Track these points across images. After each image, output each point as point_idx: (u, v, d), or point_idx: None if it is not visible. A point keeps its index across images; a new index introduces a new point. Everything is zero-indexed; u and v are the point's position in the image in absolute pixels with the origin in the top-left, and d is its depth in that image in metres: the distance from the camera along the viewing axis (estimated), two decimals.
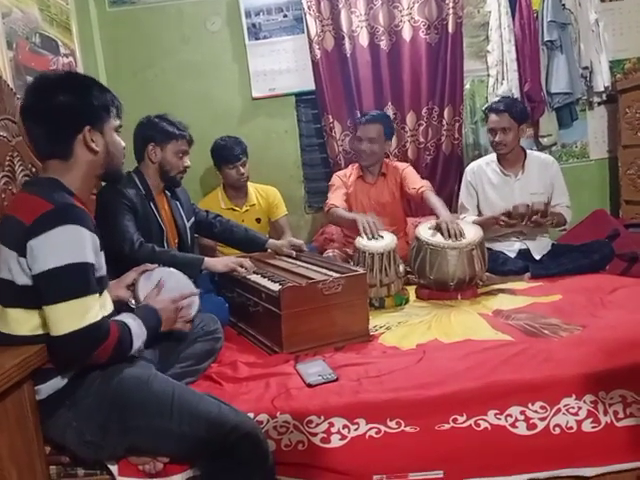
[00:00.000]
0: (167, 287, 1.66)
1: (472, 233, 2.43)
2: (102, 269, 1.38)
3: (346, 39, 3.19)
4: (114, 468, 1.39)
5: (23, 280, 1.28)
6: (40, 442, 1.35)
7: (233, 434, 1.27)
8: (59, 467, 1.44)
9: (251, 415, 1.42)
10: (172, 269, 1.79)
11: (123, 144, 1.51)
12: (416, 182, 2.83)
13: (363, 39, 3.22)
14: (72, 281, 1.25)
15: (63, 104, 1.34)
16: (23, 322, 1.31)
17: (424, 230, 2.49)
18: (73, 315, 1.24)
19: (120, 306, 1.55)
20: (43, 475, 1.36)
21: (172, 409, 1.30)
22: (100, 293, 1.35)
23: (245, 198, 3.10)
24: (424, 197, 2.71)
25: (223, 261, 2.21)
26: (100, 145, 1.41)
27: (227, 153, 2.96)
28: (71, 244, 1.26)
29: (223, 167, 3.00)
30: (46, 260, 1.23)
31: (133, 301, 1.62)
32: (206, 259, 2.13)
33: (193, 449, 1.32)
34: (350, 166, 3.07)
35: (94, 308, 1.27)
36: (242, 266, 2.17)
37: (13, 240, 1.28)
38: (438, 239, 2.39)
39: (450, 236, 2.37)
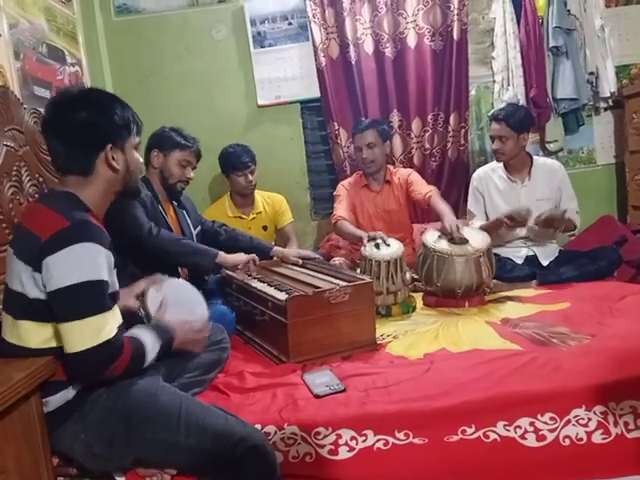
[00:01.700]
0: (176, 302, 1.66)
1: (479, 240, 2.41)
2: (115, 285, 1.38)
3: (351, 46, 3.19)
4: None
5: (35, 293, 1.28)
6: (47, 454, 1.35)
7: (240, 446, 1.27)
8: (67, 479, 1.43)
9: (258, 426, 1.42)
10: (181, 281, 1.79)
11: (141, 160, 1.53)
12: (423, 187, 2.83)
13: (368, 46, 3.22)
14: (87, 299, 1.25)
15: (86, 121, 1.35)
16: (33, 334, 1.31)
17: (430, 237, 2.48)
18: (88, 333, 1.24)
19: (128, 316, 1.55)
20: None
21: (179, 422, 1.29)
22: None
23: (252, 206, 3.11)
24: (431, 202, 2.70)
25: (236, 256, 2.23)
26: (121, 163, 1.41)
27: (236, 160, 2.97)
28: (87, 262, 1.26)
29: (231, 174, 3.01)
30: (61, 278, 1.23)
31: (142, 312, 1.62)
32: (221, 253, 2.15)
33: (200, 462, 1.31)
34: (355, 174, 3.07)
35: (108, 325, 1.27)
36: (254, 260, 2.21)
37: (28, 254, 1.28)
38: (445, 246, 2.39)
39: (454, 241, 2.36)
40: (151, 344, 1.39)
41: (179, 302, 1.67)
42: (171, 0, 3.29)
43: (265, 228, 3.11)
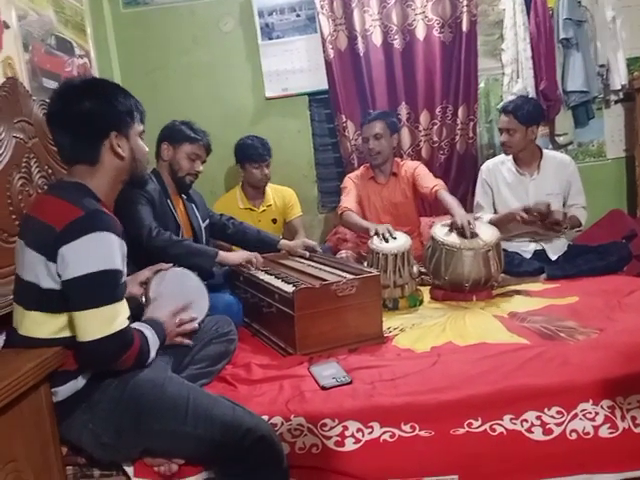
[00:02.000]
0: (179, 290, 1.68)
1: (489, 234, 2.40)
2: (125, 275, 1.39)
3: (359, 38, 3.17)
4: (130, 469, 1.40)
5: (48, 284, 1.29)
6: (56, 443, 1.37)
7: (248, 437, 1.28)
8: (75, 468, 1.45)
9: (265, 418, 1.42)
10: (185, 270, 1.79)
11: (147, 149, 1.53)
12: (429, 181, 2.82)
13: (376, 38, 3.20)
14: (102, 288, 1.27)
15: (89, 110, 1.35)
16: (42, 325, 1.32)
17: (439, 230, 2.47)
18: (102, 321, 1.25)
19: (130, 302, 1.55)
20: (59, 476, 1.37)
21: (187, 412, 1.30)
22: None
23: (262, 198, 3.12)
24: (438, 196, 2.69)
25: (236, 255, 2.24)
26: (126, 150, 1.42)
27: (253, 152, 2.98)
28: (102, 251, 1.27)
29: (247, 166, 3.02)
30: (77, 267, 1.24)
31: (145, 300, 1.63)
32: (220, 252, 2.15)
33: (208, 452, 1.32)
34: (362, 167, 3.07)
35: (121, 315, 1.29)
36: (251, 261, 2.19)
37: (41, 244, 1.29)
38: (454, 240, 2.38)
39: (465, 235, 2.35)
40: (152, 340, 1.41)
41: (178, 293, 1.68)
42: None
43: (274, 221, 3.12)
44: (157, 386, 1.34)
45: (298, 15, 3.29)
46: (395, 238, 2.41)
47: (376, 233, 2.44)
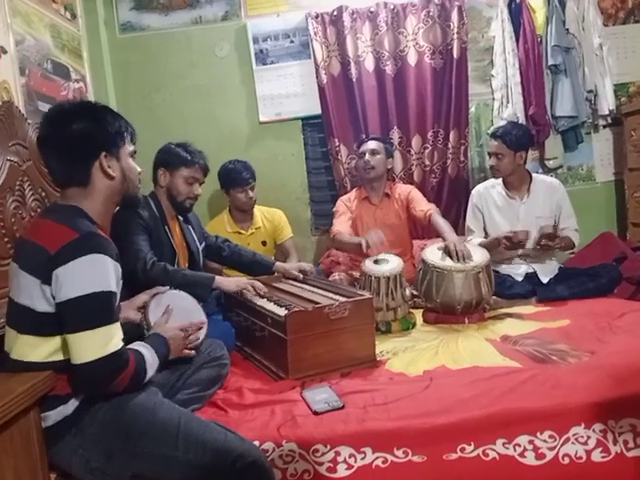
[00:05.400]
0: (176, 311, 1.68)
1: (479, 256, 2.42)
2: (118, 297, 1.39)
3: (352, 64, 3.23)
4: None
5: (43, 307, 1.29)
6: (45, 469, 1.34)
7: (239, 463, 1.26)
8: None
9: (256, 443, 1.41)
10: (182, 293, 1.80)
11: (139, 169, 1.53)
12: (423, 204, 2.85)
13: (369, 64, 3.26)
14: (97, 310, 1.26)
15: (78, 132, 1.36)
16: (35, 348, 1.32)
17: (431, 253, 2.48)
18: (96, 343, 1.25)
19: (129, 328, 1.55)
20: None
21: (178, 437, 1.29)
22: None
23: (251, 221, 3.12)
24: (431, 220, 2.72)
25: (235, 281, 2.21)
26: (117, 171, 1.43)
27: (236, 177, 2.98)
28: (96, 273, 1.27)
29: (232, 191, 3.02)
30: (71, 288, 1.25)
31: (145, 324, 1.63)
32: (217, 278, 2.13)
33: (198, 478, 1.30)
34: (354, 190, 3.10)
35: (116, 336, 1.29)
36: (253, 287, 2.17)
37: (36, 267, 1.29)
38: (444, 262, 2.39)
39: (458, 258, 2.37)
40: (150, 360, 1.40)
41: (179, 311, 1.69)
42: (175, 18, 3.34)
43: (264, 243, 3.12)
44: (148, 410, 1.33)
45: (292, 41, 3.34)
46: (388, 260, 2.42)
47: (368, 247, 2.44)
